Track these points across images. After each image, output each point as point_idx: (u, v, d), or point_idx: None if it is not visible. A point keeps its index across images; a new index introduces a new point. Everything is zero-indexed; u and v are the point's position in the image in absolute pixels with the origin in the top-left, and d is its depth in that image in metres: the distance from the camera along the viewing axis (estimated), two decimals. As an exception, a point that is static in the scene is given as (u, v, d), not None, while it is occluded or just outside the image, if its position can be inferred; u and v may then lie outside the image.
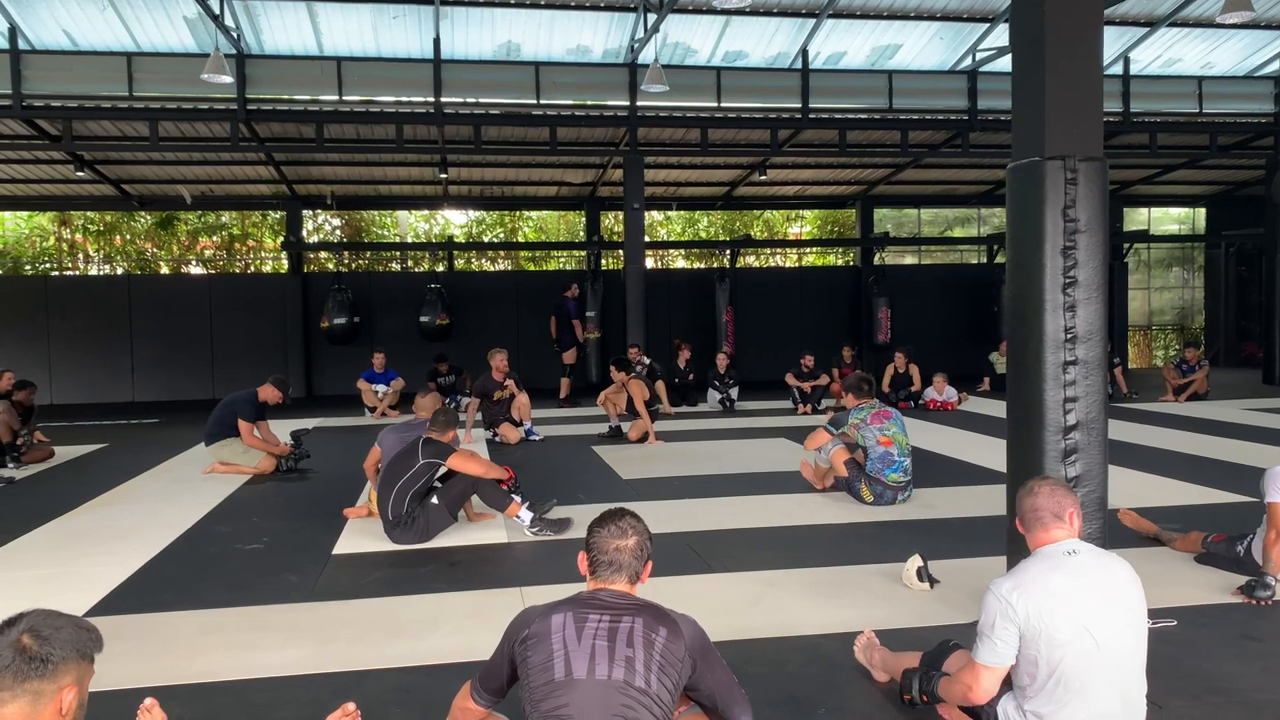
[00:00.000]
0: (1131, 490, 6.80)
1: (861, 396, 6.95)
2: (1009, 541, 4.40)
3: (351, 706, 2.93)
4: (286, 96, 12.84)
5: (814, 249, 21.84)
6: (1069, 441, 4.24)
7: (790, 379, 12.96)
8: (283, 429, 9.22)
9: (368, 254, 20.15)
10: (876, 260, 17.90)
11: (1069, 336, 4.24)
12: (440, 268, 17.14)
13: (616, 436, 10.14)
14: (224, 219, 20.64)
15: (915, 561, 4.78)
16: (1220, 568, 4.92)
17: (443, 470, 5.94)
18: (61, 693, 1.99)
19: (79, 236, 20.25)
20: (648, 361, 12.81)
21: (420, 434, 6.14)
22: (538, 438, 10.25)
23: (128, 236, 20.60)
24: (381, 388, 12.78)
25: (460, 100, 12.97)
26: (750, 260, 20.74)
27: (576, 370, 14.57)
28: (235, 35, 11.53)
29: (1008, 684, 2.94)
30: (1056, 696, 2.77)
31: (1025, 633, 2.75)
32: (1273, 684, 3.55)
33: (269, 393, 8.62)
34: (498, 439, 10.10)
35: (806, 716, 3.32)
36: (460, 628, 4.30)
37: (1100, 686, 2.76)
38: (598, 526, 2.62)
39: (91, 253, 20.33)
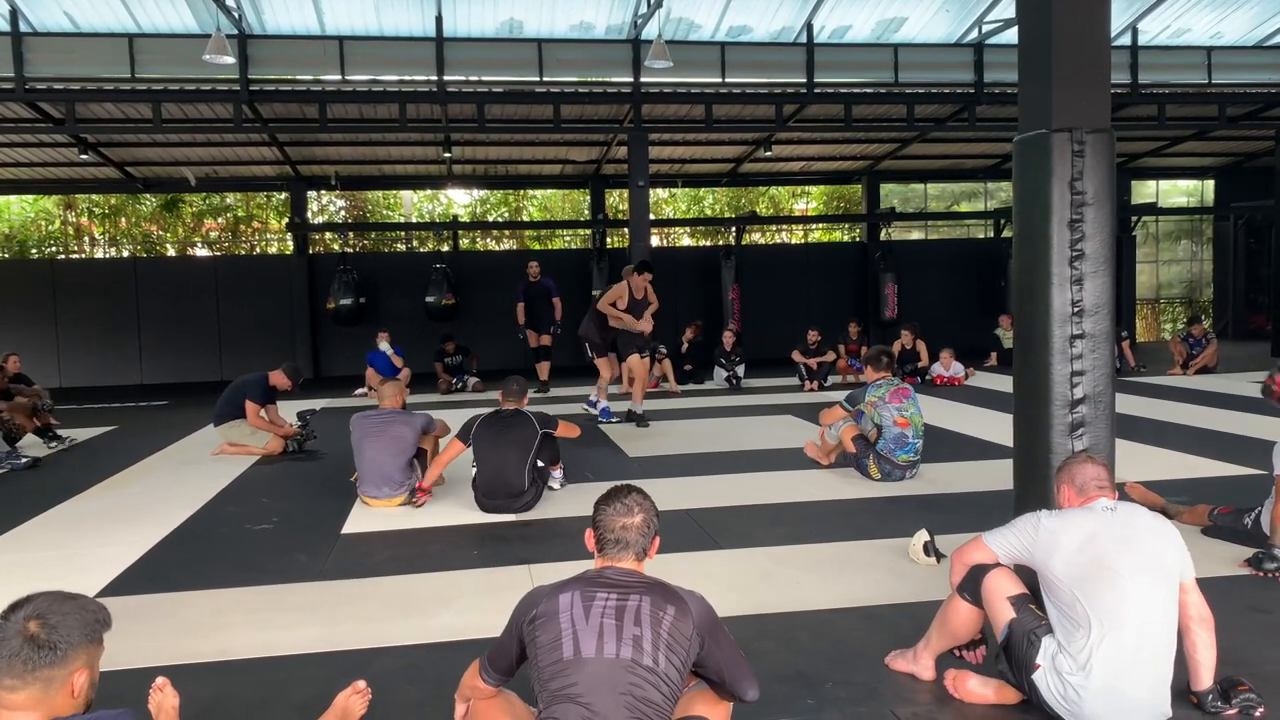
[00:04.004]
0: (1139, 463, 6.79)
1: (880, 370, 6.87)
2: (1016, 515, 4.40)
3: (362, 684, 2.96)
4: (289, 77, 12.79)
5: (820, 225, 21.74)
6: (1076, 415, 4.23)
7: (796, 356, 12.95)
8: (289, 409, 9.25)
9: (372, 234, 20.13)
10: (883, 236, 17.83)
11: (1076, 310, 4.22)
12: (445, 248, 17.11)
13: (635, 420, 9.61)
14: (228, 201, 20.62)
15: (922, 536, 4.80)
16: (1227, 540, 4.92)
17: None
18: (73, 676, 1.99)
19: (84, 219, 20.26)
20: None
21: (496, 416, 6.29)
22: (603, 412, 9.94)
23: (133, 219, 20.60)
24: (387, 346, 12.80)
25: (463, 79, 12.90)
26: (756, 237, 20.65)
27: (580, 349, 14.51)
28: (236, 15, 11.47)
29: (1048, 628, 3.05)
30: (1084, 632, 2.90)
31: (1037, 551, 3.04)
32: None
33: (279, 379, 8.65)
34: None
35: (815, 691, 3.34)
36: (470, 605, 4.33)
37: (1130, 629, 2.86)
38: (604, 504, 2.62)
39: (97, 236, 20.34)
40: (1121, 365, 12.59)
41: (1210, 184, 20.21)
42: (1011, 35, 12.47)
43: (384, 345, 12.77)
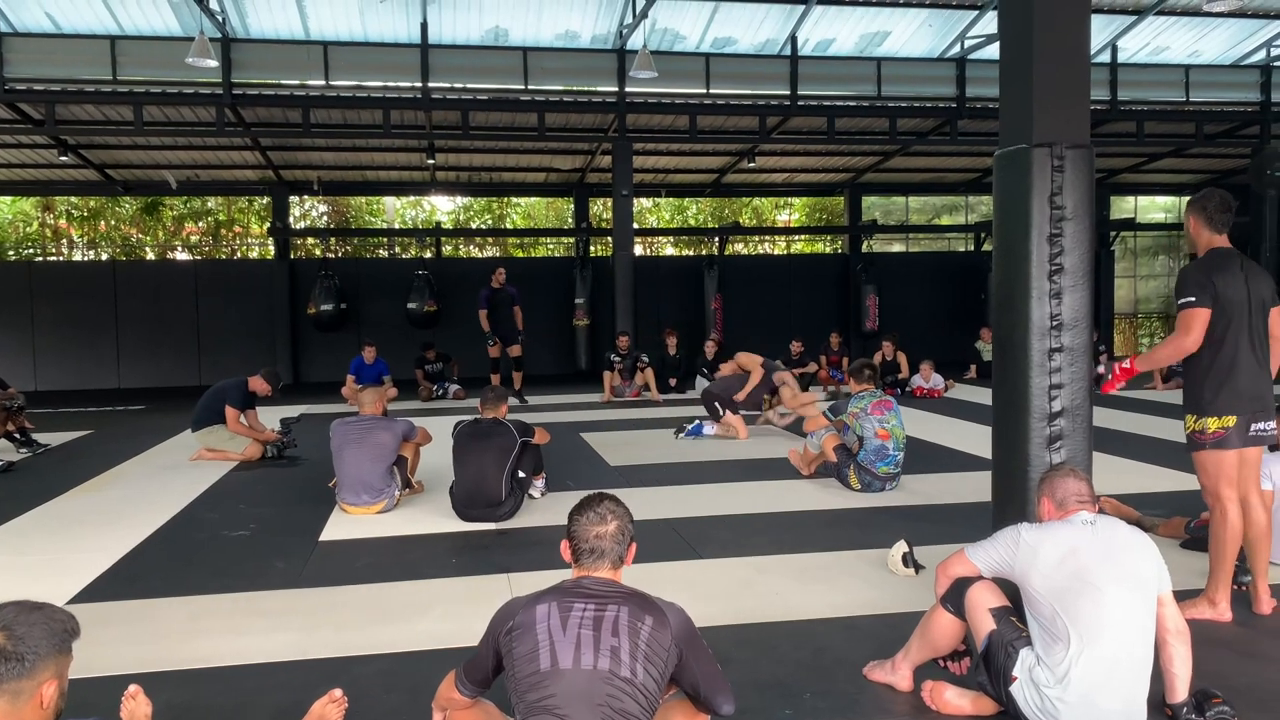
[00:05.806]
0: (1117, 477, 6.84)
1: (863, 382, 6.93)
2: (994, 527, 4.42)
3: (338, 693, 2.94)
4: (273, 81, 12.74)
5: (802, 236, 21.84)
6: (1054, 428, 4.26)
7: (778, 366, 12.97)
8: (270, 416, 9.19)
9: (355, 240, 20.06)
10: (865, 248, 17.93)
11: (1054, 324, 4.26)
12: (428, 254, 17.08)
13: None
14: (210, 205, 20.51)
15: (900, 547, 4.81)
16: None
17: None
18: (41, 688, 1.96)
19: (63, 222, 20.08)
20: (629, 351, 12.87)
21: (475, 423, 6.27)
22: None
23: (112, 222, 20.44)
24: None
25: (448, 85, 12.90)
26: (739, 248, 20.73)
27: (563, 357, 14.51)
28: (220, 18, 11.43)
29: (1026, 640, 3.06)
30: (1063, 645, 2.91)
31: (1017, 564, 3.06)
32: (1253, 668, 3.59)
33: (259, 384, 8.60)
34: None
35: (793, 701, 3.34)
36: (448, 613, 4.31)
37: (1108, 641, 2.88)
38: (577, 514, 2.60)
39: (76, 238, 20.17)
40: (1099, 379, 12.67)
41: (1187, 200, 20.39)
42: (993, 50, 12.58)
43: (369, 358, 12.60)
